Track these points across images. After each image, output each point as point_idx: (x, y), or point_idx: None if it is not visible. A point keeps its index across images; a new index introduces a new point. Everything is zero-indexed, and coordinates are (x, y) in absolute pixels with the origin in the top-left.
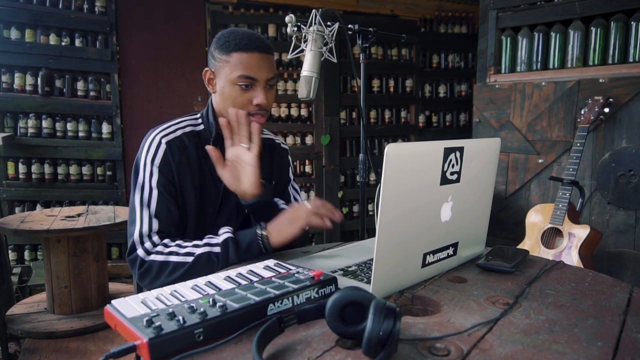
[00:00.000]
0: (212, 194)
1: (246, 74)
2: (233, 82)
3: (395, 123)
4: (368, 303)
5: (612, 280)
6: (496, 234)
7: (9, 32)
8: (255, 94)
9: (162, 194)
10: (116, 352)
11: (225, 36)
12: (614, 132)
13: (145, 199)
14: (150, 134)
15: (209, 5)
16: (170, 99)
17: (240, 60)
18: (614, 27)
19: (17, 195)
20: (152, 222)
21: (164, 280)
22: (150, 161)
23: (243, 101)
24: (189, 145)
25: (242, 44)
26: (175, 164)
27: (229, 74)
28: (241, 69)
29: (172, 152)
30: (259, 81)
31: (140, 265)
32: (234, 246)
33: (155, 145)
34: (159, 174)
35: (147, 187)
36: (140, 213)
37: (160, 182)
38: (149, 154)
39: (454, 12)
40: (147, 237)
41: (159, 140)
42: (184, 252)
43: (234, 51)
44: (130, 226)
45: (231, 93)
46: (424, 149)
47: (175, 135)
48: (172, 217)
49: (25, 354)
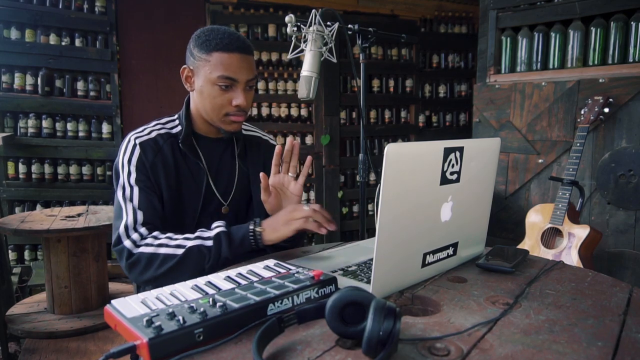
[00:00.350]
0: (192, 194)
1: (227, 75)
2: (213, 82)
3: (395, 123)
4: (368, 303)
5: (612, 280)
6: (496, 234)
7: (9, 32)
8: (234, 95)
9: (143, 189)
10: (116, 352)
11: (205, 34)
12: (614, 132)
13: (127, 195)
14: (126, 137)
15: (209, 5)
16: (170, 99)
17: (221, 60)
18: (614, 27)
19: (17, 195)
20: (137, 214)
21: (153, 272)
22: (127, 161)
23: (222, 101)
24: (163, 145)
25: (222, 43)
26: (149, 163)
27: (208, 73)
28: (222, 69)
29: (145, 152)
30: (239, 82)
31: (128, 257)
32: (226, 240)
33: (130, 147)
34: (136, 172)
35: (127, 185)
36: (125, 207)
37: (139, 179)
38: (125, 155)
39: (454, 12)
40: (133, 229)
41: (133, 141)
42: (175, 244)
43: (214, 51)
44: (116, 220)
45: (210, 93)
46: (424, 149)
47: (149, 137)
48: (156, 209)
49: (25, 354)
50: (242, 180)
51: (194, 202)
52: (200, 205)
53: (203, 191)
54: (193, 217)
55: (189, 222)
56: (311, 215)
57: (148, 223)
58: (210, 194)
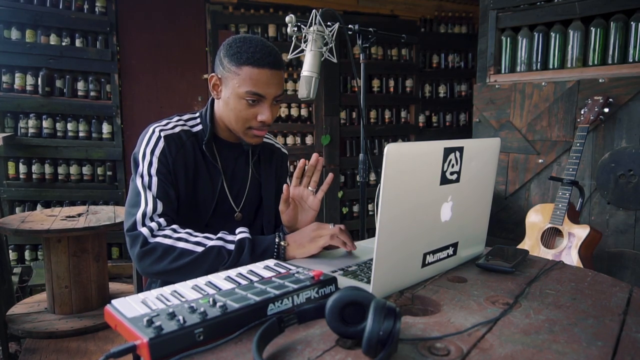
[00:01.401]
0: (207, 194)
1: (254, 91)
2: (240, 96)
3: (395, 123)
4: (368, 303)
5: (612, 280)
6: (496, 234)
7: (10, 32)
8: (260, 110)
9: (162, 181)
10: (116, 352)
11: (237, 45)
12: (614, 132)
13: (146, 184)
14: (149, 128)
15: (209, 5)
16: (170, 99)
17: (250, 75)
18: (613, 27)
19: (18, 195)
20: (157, 203)
21: (166, 265)
22: (150, 152)
23: (247, 115)
24: (186, 142)
25: (254, 58)
26: (172, 158)
27: (237, 86)
28: (250, 84)
29: (169, 146)
30: (267, 98)
31: (143, 244)
32: (249, 248)
33: (155, 138)
34: (158, 163)
35: (147, 174)
36: (145, 195)
37: (159, 170)
38: (149, 145)
39: (454, 12)
40: (150, 218)
41: (158, 134)
42: (195, 240)
43: (245, 64)
44: (132, 207)
45: (236, 106)
46: (424, 149)
47: (174, 132)
48: (172, 203)
49: (25, 354)
50: (254, 187)
51: (207, 203)
52: (212, 207)
53: (217, 193)
54: (204, 217)
55: (200, 223)
56: (337, 233)
57: (167, 215)
58: (223, 198)
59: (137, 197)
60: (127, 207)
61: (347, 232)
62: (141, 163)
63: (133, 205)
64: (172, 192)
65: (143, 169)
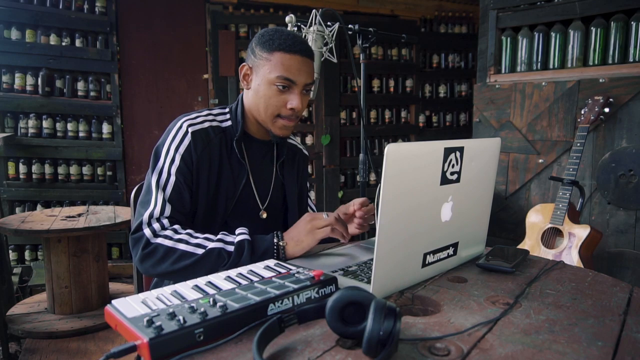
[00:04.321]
0: (228, 192)
1: (285, 75)
2: (271, 81)
3: (395, 123)
4: (368, 303)
5: (612, 280)
6: (496, 234)
7: (10, 33)
8: (290, 97)
9: (179, 181)
10: (117, 352)
11: (269, 34)
12: (614, 132)
13: (162, 183)
14: (177, 121)
15: (209, 5)
16: (170, 99)
17: (282, 60)
18: (614, 27)
19: (18, 195)
20: (165, 206)
21: (167, 267)
22: (175, 148)
23: (278, 102)
24: (213, 138)
25: (286, 44)
26: (197, 155)
27: (267, 72)
28: (281, 69)
29: (195, 143)
30: (297, 85)
31: (145, 246)
32: (249, 249)
33: (182, 133)
34: (181, 161)
35: (166, 172)
36: (156, 195)
37: (180, 169)
38: (175, 140)
39: (454, 12)
40: (156, 219)
41: (186, 128)
42: (195, 242)
43: (276, 50)
44: (142, 207)
45: (266, 92)
46: (424, 149)
47: (202, 127)
48: (184, 206)
49: (25, 354)
50: (278, 187)
51: (228, 200)
52: (233, 204)
53: (239, 191)
54: (223, 215)
55: (219, 220)
56: (334, 223)
57: (173, 217)
58: (248, 195)
59: (148, 195)
60: (138, 205)
61: (342, 221)
62: (162, 158)
63: (143, 204)
64: (187, 194)
65: (163, 165)
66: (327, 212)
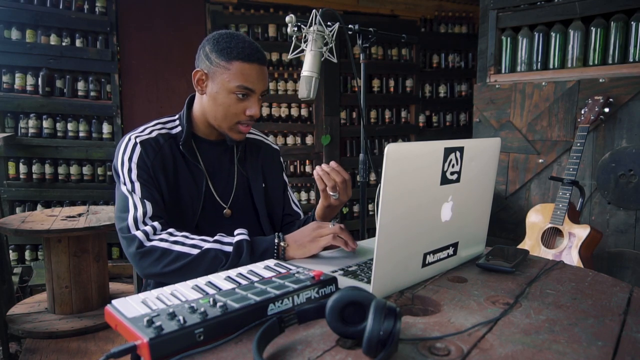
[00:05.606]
0: (192, 196)
1: (246, 85)
2: (230, 90)
3: (395, 123)
4: (368, 303)
5: (612, 280)
6: (496, 233)
7: (10, 33)
8: (249, 105)
9: (145, 185)
10: (117, 352)
11: (225, 41)
12: (614, 132)
13: (130, 189)
14: (125, 137)
15: (209, 5)
16: (170, 99)
17: (241, 70)
18: (614, 27)
19: (18, 195)
20: (145, 205)
21: (162, 268)
22: (128, 159)
23: (237, 110)
24: (163, 145)
25: (244, 53)
26: (150, 162)
27: (227, 81)
28: (241, 79)
29: (146, 151)
30: (256, 93)
31: (139, 247)
32: (248, 250)
33: (131, 145)
34: (137, 169)
35: (129, 181)
36: (132, 200)
37: (140, 175)
38: (126, 153)
39: (454, 12)
40: (143, 222)
41: (134, 140)
42: (191, 243)
43: (236, 59)
44: (122, 213)
45: (225, 101)
46: (424, 149)
47: (150, 136)
48: (160, 205)
49: (26, 354)
50: (242, 184)
51: (194, 204)
52: (200, 208)
53: (203, 194)
54: (192, 219)
55: (189, 224)
56: (338, 232)
57: (158, 217)
58: (209, 196)
59: (124, 202)
60: (116, 212)
61: (347, 231)
62: (121, 171)
63: (122, 210)
64: (157, 194)
65: (124, 177)
66: (333, 222)
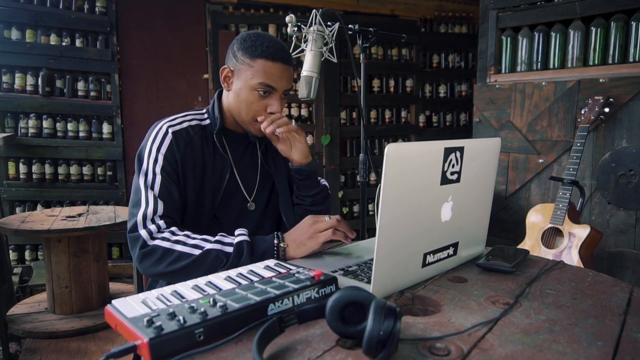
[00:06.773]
0: (214, 187)
1: (267, 82)
2: (253, 87)
3: (395, 123)
4: (368, 303)
5: (613, 280)
6: (496, 233)
7: (10, 33)
8: (271, 102)
9: (166, 179)
10: (117, 352)
11: (252, 39)
12: (614, 132)
13: (149, 183)
14: (156, 125)
15: (209, 5)
16: (170, 99)
17: (264, 67)
18: (614, 27)
19: (18, 195)
20: (157, 204)
21: (164, 268)
22: (157, 149)
23: (258, 107)
24: (194, 136)
25: (268, 51)
26: (180, 154)
27: (250, 78)
28: (264, 76)
29: (177, 142)
30: (278, 91)
31: (142, 246)
32: (248, 250)
33: (162, 134)
34: (163, 161)
35: (151, 172)
36: (146, 195)
37: (164, 168)
38: (155, 142)
39: (454, 12)
40: (151, 220)
41: (166, 129)
42: (192, 243)
43: (259, 57)
44: (134, 207)
45: (248, 97)
46: (424, 149)
47: (182, 127)
48: (175, 202)
49: (25, 354)
50: (265, 178)
51: (215, 195)
52: (219, 198)
53: (224, 185)
54: (211, 208)
55: (208, 213)
56: (336, 225)
57: (167, 216)
58: (234, 188)
59: (138, 196)
60: (129, 207)
61: (344, 222)
62: (146, 160)
63: (134, 205)
64: (176, 191)
65: (147, 167)
66: (329, 215)
